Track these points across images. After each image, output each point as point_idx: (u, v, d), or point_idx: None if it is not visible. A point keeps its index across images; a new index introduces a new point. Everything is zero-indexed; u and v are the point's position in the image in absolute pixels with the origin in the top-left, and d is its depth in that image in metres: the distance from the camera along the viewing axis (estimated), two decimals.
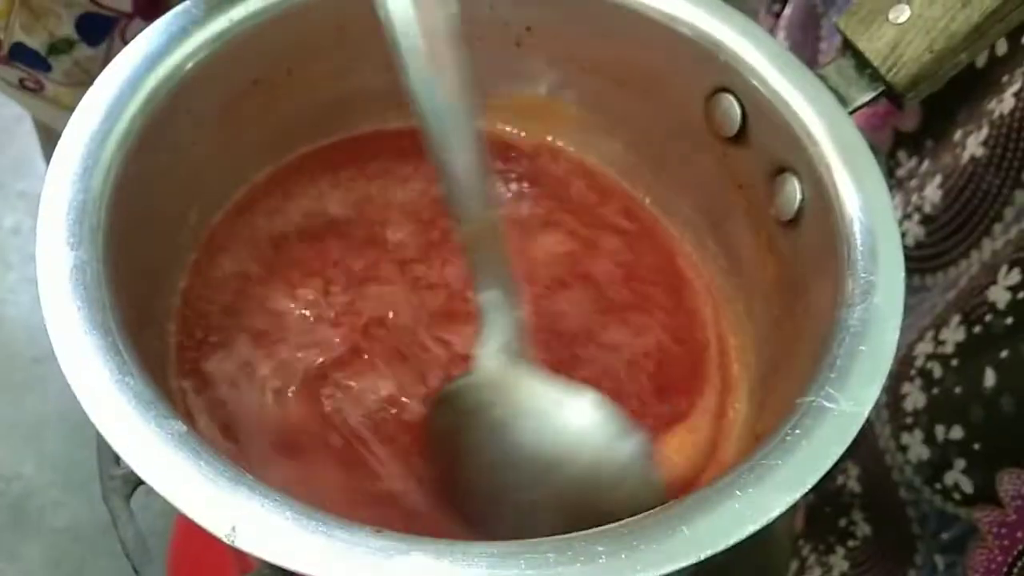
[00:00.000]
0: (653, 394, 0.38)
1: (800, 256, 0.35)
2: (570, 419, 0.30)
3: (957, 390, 0.40)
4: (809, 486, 0.25)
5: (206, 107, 0.36)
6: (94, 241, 0.28)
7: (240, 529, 0.23)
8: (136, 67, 0.33)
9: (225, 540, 0.23)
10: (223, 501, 0.23)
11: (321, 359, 0.37)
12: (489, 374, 0.31)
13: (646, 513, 0.24)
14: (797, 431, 0.26)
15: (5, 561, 0.84)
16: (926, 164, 0.48)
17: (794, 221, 0.35)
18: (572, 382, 0.32)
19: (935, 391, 0.42)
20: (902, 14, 0.34)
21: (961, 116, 0.45)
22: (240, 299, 0.38)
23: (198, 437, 0.25)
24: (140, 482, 0.27)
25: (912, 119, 0.49)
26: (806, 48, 0.62)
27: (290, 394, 0.36)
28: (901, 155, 0.50)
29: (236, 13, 0.35)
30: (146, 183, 0.33)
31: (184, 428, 0.25)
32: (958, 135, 0.44)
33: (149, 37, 0.33)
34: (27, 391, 0.92)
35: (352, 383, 0.36)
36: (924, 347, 0.43)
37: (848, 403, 0.27)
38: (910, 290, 0.29)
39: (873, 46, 0.34)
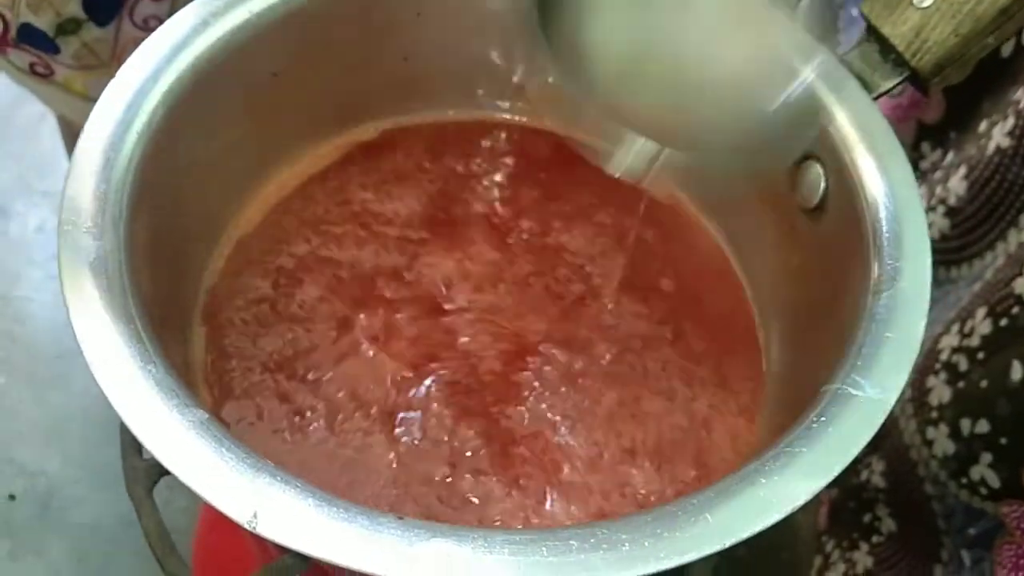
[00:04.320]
0: (683, 382, 0.38)
1: (825, 243, 0.34)
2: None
3: (983, 383, 0.40)
4: (835, 473, 0.24)
5: (227, 99, 0.36)
6: (116, 231, 0.29)
7: (262, 515, 0.23)
8: (157, 59, 0.33)
9: (247, 527, 0.22)
10: (245, 488, 0.23)
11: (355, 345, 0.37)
12: None
13: (671, 502, 0.24)
14: (823, 418, 0.26)
15: (32, 556, 0.84)
16: (950, 156, 0.47)
17: (818, 208, 0.34)
18: None
19: (961, 384, 0.42)
20: None
21: (986, 106, 0.45)
22: (271, 290, 0.38)
23: (220, 425, 0.24)
24: (163, 473, 0.27)
25: (936, 111, 0.48)
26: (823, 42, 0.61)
27: (324, 384, 0.36)
28: (925, 147, 0.49)
29: (256, 4, 0.35)
30: (168, 174, 0.33)
31: (206, 416, 0.25)
32: (983, 126, 0.44)
33: (170, 28, 0.34)
34: (51, 388, 0.92)
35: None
36: (949, 340, 0.43)
37: (874, 390, 0.26)
38: (935, 283, 0.29)
39: (898, 31, 0.34)
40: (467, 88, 0.44)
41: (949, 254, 0.45)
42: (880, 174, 0.32)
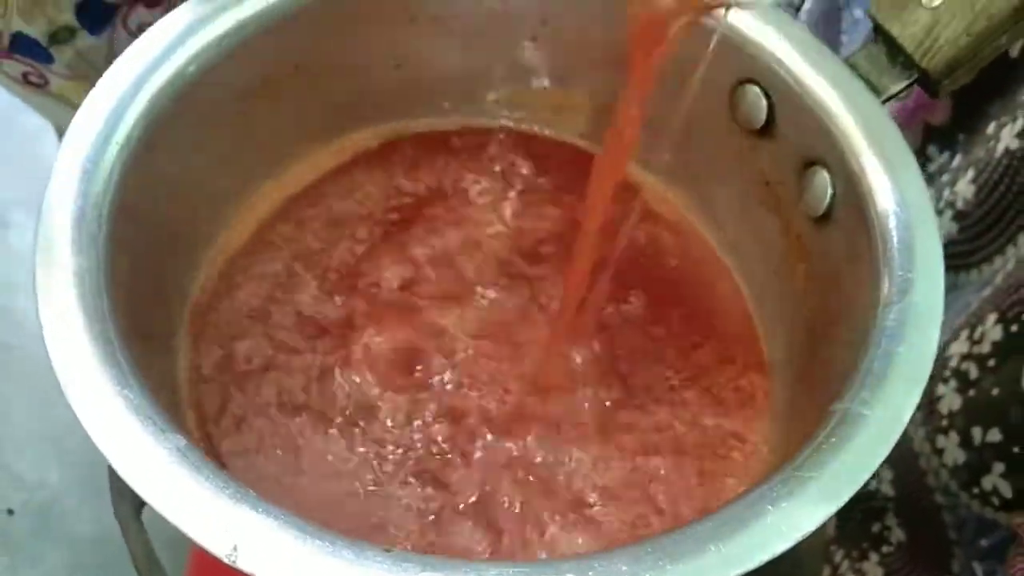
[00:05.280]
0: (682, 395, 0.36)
1: (832, 254, 0.33)
2: None
3: (995, 391, 0.39)
4: (845, 499, 0.23)
5: (213, 108, 0.35)
6: (95, 249, 0.27)
7: (242, 549, 0.21)
8: (139, 67, 0.32)
9: (226, 560, 0.21)
10: (224, 519, 0.22)
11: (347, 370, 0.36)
12: None
13: (672, 530, 0.23)
14: (832, 440, 0.25)
15: (30, 568, 0.84)
16: (958, 159, 0.46)
17: (825, 217, 0.33)
18: None
19: (971, 392, 0.40)
20: None
21: (994, 108, 0.44)
22: (260, 308, 0.37)
23: (199, 452, 0.23)
24: None
25: (942, 112, 0.47)
26: (827, 44, 0.60)
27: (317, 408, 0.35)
28: (932, 150, 0.48)
29: (242, 11, 0.34)
30: (151, 189, 0.32)
31: (184, 442, 0.23)
32: (991, 128, 0.43)
33: (153, 35, 0.32)
34: (51, 399, 0.91)
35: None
36: (959, 347, 0.42)
37: (886, 409, 0.25)
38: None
39: (907, 31, 0.32)
40: (466, 95, 0.43)
41: (958, 259, 0.44)
42: (890, 181, 0.31)
